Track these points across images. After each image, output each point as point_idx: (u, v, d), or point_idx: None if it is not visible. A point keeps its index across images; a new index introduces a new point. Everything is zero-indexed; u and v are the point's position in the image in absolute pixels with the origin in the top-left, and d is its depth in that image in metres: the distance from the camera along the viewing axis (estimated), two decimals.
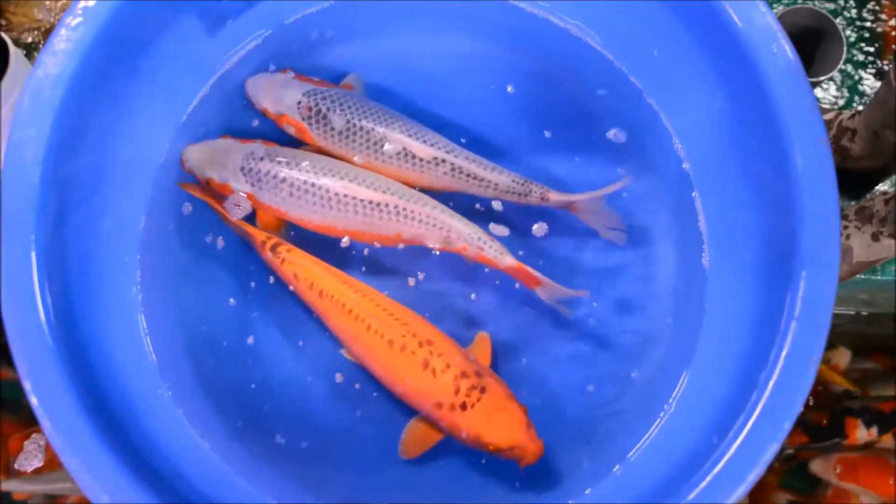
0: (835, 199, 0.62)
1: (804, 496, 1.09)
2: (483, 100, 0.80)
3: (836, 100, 1.02)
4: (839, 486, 1.07)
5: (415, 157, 0.73)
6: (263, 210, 0.73)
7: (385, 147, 0.73)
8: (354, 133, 0.73)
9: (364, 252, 0.75)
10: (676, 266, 0.75)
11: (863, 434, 1.08)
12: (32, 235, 0.61)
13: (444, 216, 0.71)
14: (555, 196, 0.73)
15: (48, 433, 0.58)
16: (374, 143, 0.73)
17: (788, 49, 0.65)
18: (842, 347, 1.13)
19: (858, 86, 1.02)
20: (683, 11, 0.71)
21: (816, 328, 0.60)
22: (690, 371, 0.70)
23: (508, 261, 0.71)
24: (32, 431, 0.83)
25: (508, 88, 0.80)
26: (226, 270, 0.75)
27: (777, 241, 0.66)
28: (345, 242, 0.73)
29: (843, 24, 1.03)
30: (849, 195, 0.98)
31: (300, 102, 0.74)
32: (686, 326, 0.72)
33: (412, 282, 0.74)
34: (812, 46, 0.94)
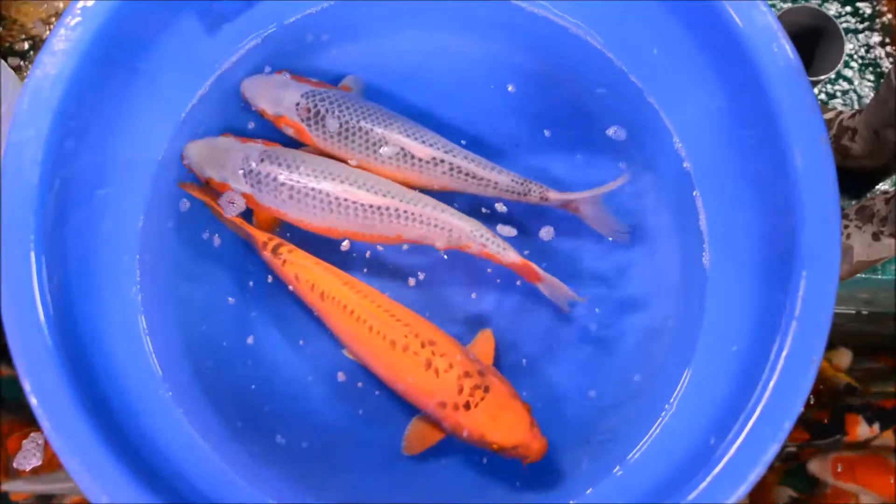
0: (835, 199, 0.62)
1: (804, 495, 1.08)
2: (483, 99, 0.80)
3: (836, 99, 1.02)
4: (837, 486, 1.06)
5: (414, 158, 0.73)
6: (262, 211, 0.73)
7: (384, 148, 0.73)
8: (353, 134, 0.73)
9: (366, 253, 0.75)
10: (677, 266, 0.75)
11: (864, 430, 1.08)
12: (32, 235, 0.61)
13: (445, 216, 0.71)
14: (554, 195, 0.72)
15: (48, 433, 0.58)
16: (374, 144, 0.73)
17: (789, 49, 0.65)
18: (842, 348, 1.13)
19: (858, 86, 1.02)
20: (684, 11, 0.71)
21: (817, 328, 0.60)
22: (691, 371, 0.70)
23: (512, 256, 0.70)
24: (32, 431, 0.83)
25: (508, 88, 0.80)
26: (224, 269, 0.75)
27: (777, 241, 0.66)
28: (345, 246, 0.73)
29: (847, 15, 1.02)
30: (849, 194, 0.98)
31: (299, 104, 0.74)
32: (686, 326, 0.72)
33: (413, 282, 0.74)
34: (812, 46, 0.94)
